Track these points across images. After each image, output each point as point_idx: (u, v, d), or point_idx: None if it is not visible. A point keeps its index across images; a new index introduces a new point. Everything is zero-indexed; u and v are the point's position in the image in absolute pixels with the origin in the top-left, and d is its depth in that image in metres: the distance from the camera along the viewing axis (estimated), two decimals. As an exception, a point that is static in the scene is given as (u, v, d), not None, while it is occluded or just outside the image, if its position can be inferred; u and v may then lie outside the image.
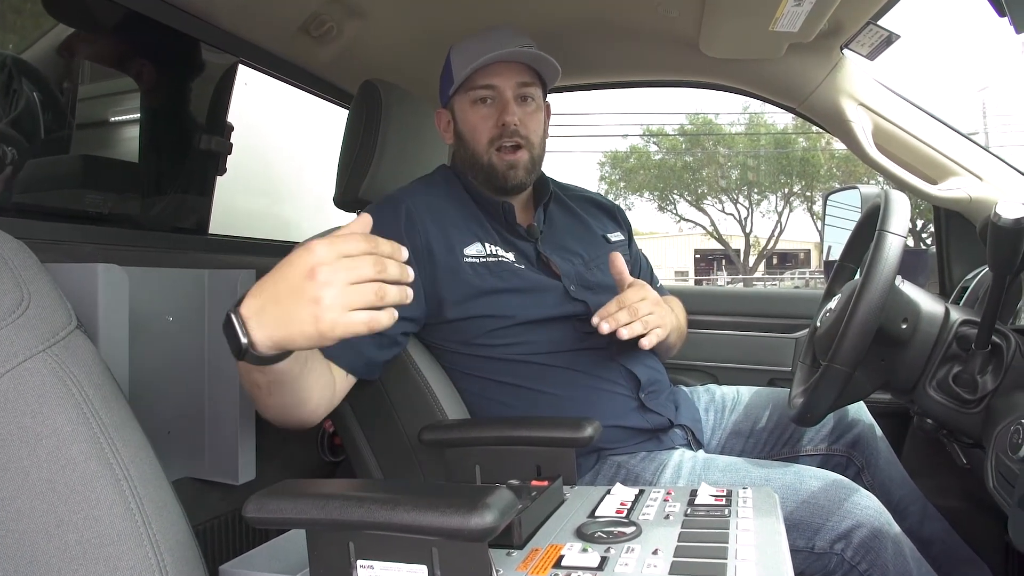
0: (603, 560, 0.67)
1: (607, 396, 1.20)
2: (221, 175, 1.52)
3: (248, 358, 0.74)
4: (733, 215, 24.72)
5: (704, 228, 25.47)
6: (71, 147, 1.31)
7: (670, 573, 0.63)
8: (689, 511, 0.80)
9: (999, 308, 0.94)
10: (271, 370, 0.80)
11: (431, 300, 1.17)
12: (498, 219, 1.27)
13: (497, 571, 0.64)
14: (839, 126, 1.55)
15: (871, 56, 1.46)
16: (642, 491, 0.89)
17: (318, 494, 0.64)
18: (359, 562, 0.63)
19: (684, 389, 1.40)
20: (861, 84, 1.53)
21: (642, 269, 1.48)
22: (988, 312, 0.95)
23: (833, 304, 1.16)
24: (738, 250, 25.60)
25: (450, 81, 1.26)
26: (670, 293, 1.47)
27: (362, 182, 1.39)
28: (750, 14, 1.31)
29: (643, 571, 0.64)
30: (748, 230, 24.76)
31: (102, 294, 0.97)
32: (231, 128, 1.53)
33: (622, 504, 0.83)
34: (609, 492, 0.88)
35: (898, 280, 1.03)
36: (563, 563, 0.67)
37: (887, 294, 0.96)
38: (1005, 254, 0.86)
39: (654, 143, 24.88)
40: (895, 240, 0.97)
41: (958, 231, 1.63)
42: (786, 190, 23.61)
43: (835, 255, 1.46)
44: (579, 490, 0.93)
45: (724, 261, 28.67)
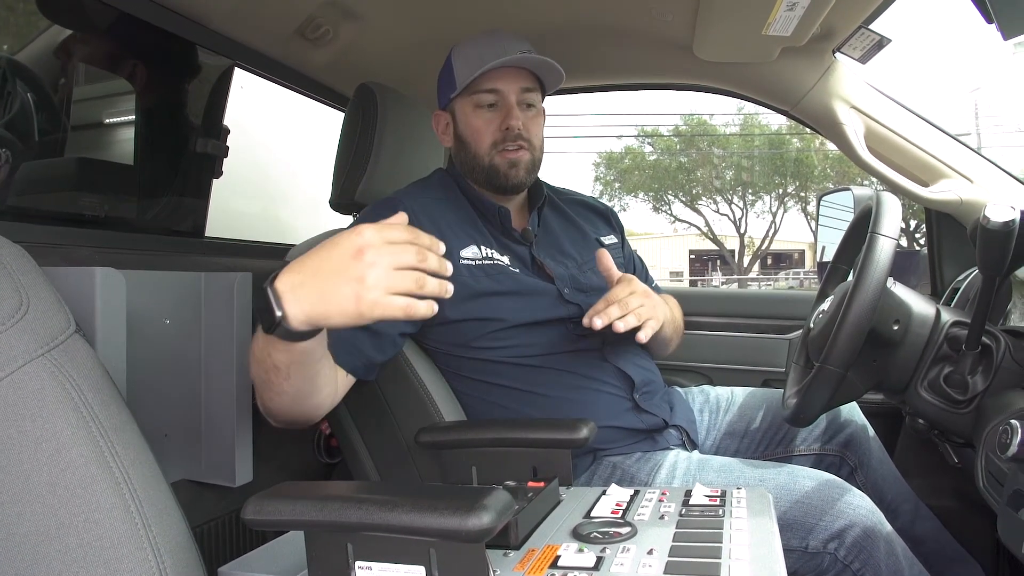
0: (599, 560, 0.67)
1: (602, 397, 1.21)
2: (217, 178, 1.52)
3: (278, 332, 0.74)
4: (728, 216, 24.81)
5: (699, 229, 25.54)
6: (67, 150, 1.31)
7: (665, 573, 0.64)
8: (684, 511, 0.81)
9: (989, 309, 0.95)
10: (296, 349, 0.80)
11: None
12: (494, 223, 1.27)
13: (494, 571, 0.64)
14: (831, 129, 1.57)
15: (863, 60, 1.47)
16: (637, 491, 0.90)
17: (316, 496, 0.64)
18: (357, 563, 0.64)
19: (679, 390, 1.41)
20: (853, 87, 1.54)
21: (637, 270, 1.49)
22: (978, 313, 0.96)
23: (826, 306, 1.17)
24: (733, 251, 25.68)
25: (451, 83, 1.26)
26: (666, 293, 1.47)
27: (358, 185, 1.39)
28: (743, 18, 1.32)
29: (638, 571, 0.65)
30: (743, 231, 24.83)
31: (100, 298, 0.97)
32: (227, 131, 1.53)
33: (617, 504, 0.84)
34: (605, 493, 0.89)
35: (890, 282, 1.04)
36: (559, 563, 0.68)
37: (879, 296, 0.97)
38: (994, 256, 0.87)
39: (649, 144, 24.95)
40: (886, 243, 0.98)
41: (949, 233, 1.64)
42: (780, 191, 23.68)
43: (829, 256, 1.48)
44: (575, 491, 0.94)
45: (719, 262, 28.75)
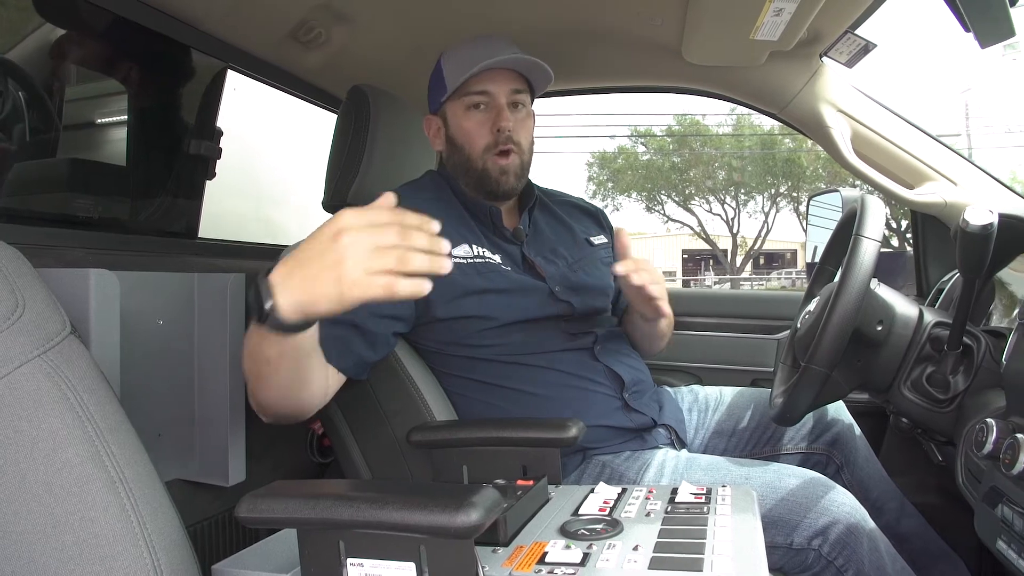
0: (585, 556, 0.69)
1: (592, 396, 1.22)
2: (210, 179, 1.53)
3: (269, 322, 0.76)
4: (720, 215, 24.88)
5: (692, 228, 25.60)
6: (60, 151, 1.32)
7: (649, 568, 0.66)
8: (670, 509, 0.82)
9: (970, 310, 0.97)
10: (286, 342, 0.81)
11: (419, 300, 1.19)
12: (485, 223, 1.28)
13: (483, 568, 0.65)
14: (819, 131, 1.59)
15: (849, 64, 1.49)
16: (625, 490, 0.91)
17: (309, 494, 0.65)
18: (349, 560, 0.65)
19: (668, 390, 1.43)
20: (840, 91, 1.56)
21: None
22: (959, 314, 0.98)
23: (812, 306, 1.18)
24: (725, 250, 25.75)
25: (441, 87, 1.27)
26: None
27: (351, 186, 1.40)
28: (731, 23, 1.34)
29: (624, 566, 0.66)
30: (735, 230, 24.91)
31: (94, 299, 0.98)
32: (220, 133, 1.53)
33: (605, 502, 0.86)
34: (593, 491, 0.90)
35: (874, 283, 1.06)
36: (547, 559, 0.69)
37: (862, 297, 0.99)
38: (973, 259, 0.89)
39: (642, 144, 24.99)
40: (870, 245, 1.00)
41: (934, 234, 1.66)
42: (773, 191, 23.77)
43: (819, 256, 1.50)
44: (564, 489, 0.95)
45: (712, 261, 28.82)
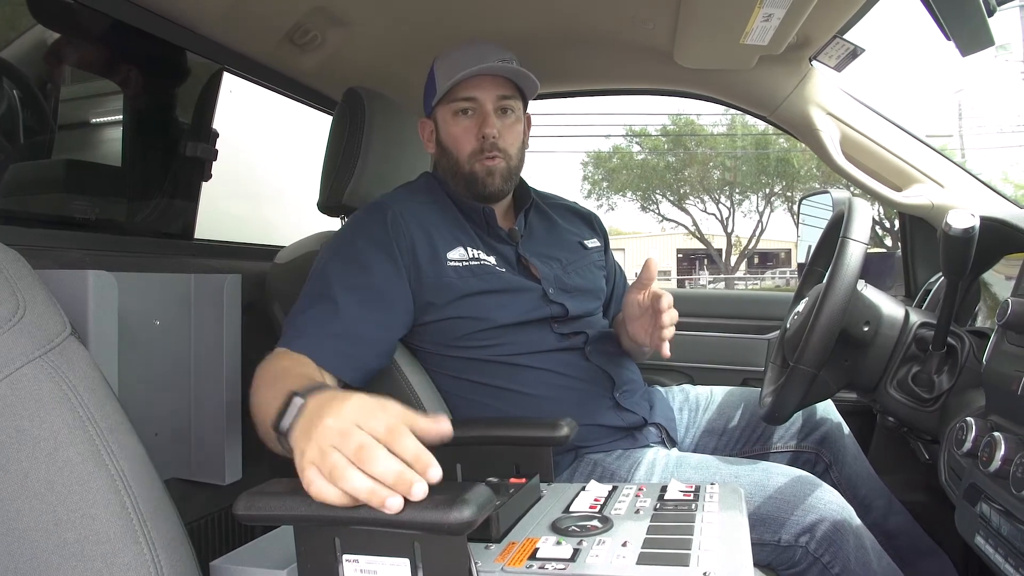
0: (576, 552, 0.70)
1: (583, 396, 1.24)
2: (206, 181, 1.54)
3: (280, 439, 0.75)
4: (715, 215, 24.94)
5: (686, 228, 25.65)
6: (57, 152, 1.32)
7: (637, 563, 0.67)
8: (658, 506, 0.84)
9: (954, 311, 0.99)
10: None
11: (417, 302, 1.21)
12: (480, 224, 1.30)
13: (476, 563, 0.67)
14: (809, 134, 1.61)
15: (838, 68, 1.52)
16: (615, 487, 0.93)
17: (305, 492, 0.67)
18: (344, 556, 0.66)
19: (659, 389, 1.44)
20: (829, 94, 1.58)
21: (617, 276, 1.52)
22: (943, 315, 0.99)
23: (801, 307, 1.20)
24: (720, 250, 25.82)
25: (433, 91, 1.29)
26: None
27: (346, 188, 1.42)
28: (721, 28, 1.35)
29: (613, 562, 0.68)
30: (730, 230, 24.98)
31: (92, 300, 0.99)
32: (216, 135, 1.54)
33: (596, 500, 0.87)
34: (584, 489, 0.92)
35: (861, 285, 1.08)
36: (538, 555, 0.71)
37: (849, 298, 1.01)
38: (956, 261, 0.91)
39: (637, 143, 25.04)
40: (856, 247, 1.02)
41: (922, 236, 1.69)
42: (767, 190, 23.84)
43: (810, 256, 1.52)
44: (555, 487, 0.96)
45: (706, 261, 28.90)
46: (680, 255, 31.11)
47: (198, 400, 1.28)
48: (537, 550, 0.72)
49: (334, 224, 1.52)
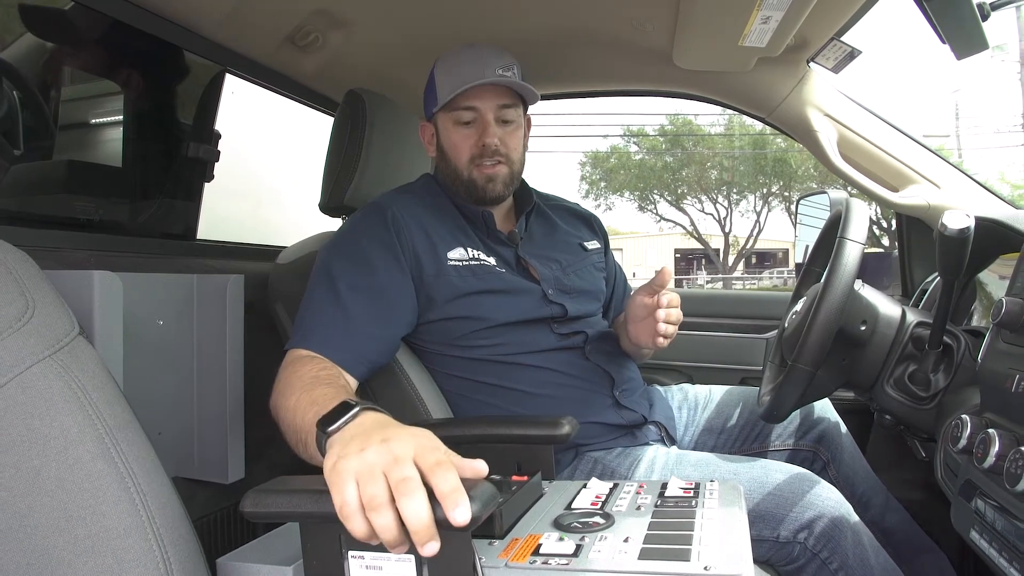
0: (578, 548, 0.71)
1: (584, 394, 1.25)
2: (209, 182, 1.55)
3: (319, 434, 0.74)
4: (713, 215, 24.96)
5: (684, 228, 25.66)
6: (60, 153, 1.33)
7: (639, 558, 0.68)
8: (659, 502, 0.85)
9: (950, 311, 1.00)
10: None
11: (420, 299, 1.22)
12: (479, 226, 1.31)
13: (480, 559, 0.68)
14: (806, 135, 1.62)
15: (835, 69, 1.53)
16: (616, 485, 0.94)
17: (311, 490, 0.67)
18: (350, 552, 0.67)
19: (659, 388, 1.45)
20: (826, 96, 1.60)
21: (617, 277, 1.53)
22: (939, 315, 1.01)
23: (799, 307, 1.21)
24: (717, 249, 25.83)
25: (433, 98, 1.29)
26: None
27: (347, 188, 1.43)
28: (720, 30, 1.37)
29: (615, 557, 0.69)
30: (727, 230, 25.00)
31: (98, 300, 1.00)
32: (219, 136, 1.55)
33: (597, 497, 0.88)
34: (585, 486, 0.93)
35: (858, 284, 1.09)
36: (541, 551, 0.72)
37: (846, 298, 1.02)
38: (951, 261, 0.92)
39: (635, 143, 25.04)
40: (853, 247, 1.03)
41: (919, 236, 1.70)
42: (764, 190, 23.86)
43: (807, 257, 1.53)
44: (557, 484, 0.97)
45: (704, 260, 28.93)
46: (678, 255, 31.13)
47: (201, 400, 1.29)
48: (540, 546, 0.73)
49: (334, 224, 1.53)
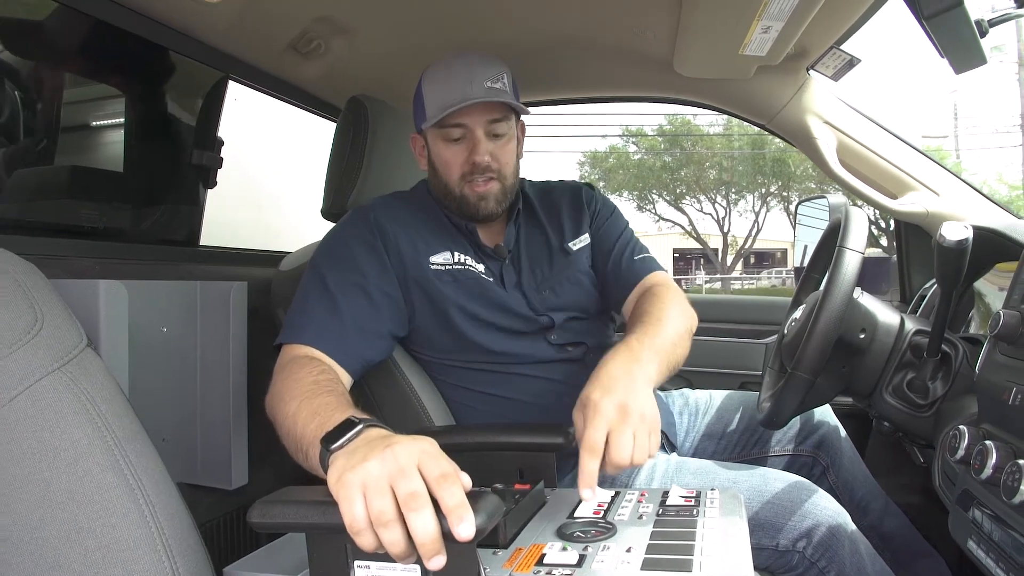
0: (581, 558, 0.72)
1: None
2: (211, 188, 1.55)
3: (323, 450, 0.75)
4: (711, 215, 24.95)
5: (683, 228, 25.65)
6: (64, 160, 1.34)
7: (642, 569, 0.69)
8: (661, 512, 0.86)
9: (947, 319, 1.01)
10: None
11: (407, 300, 1.22)
12: (468, 237, 1.29)
13: (485, 569, 0.69)
14: (806, 142, 1.63)
15: (835, 77, 1.54)
16: (618, 493, 0.95)
17: (318, 501, 0.68)
18: (356, 562, 0.68)
19: (659, 394, 1.46)
20: (826, 103, 1.61)
21: (618, 242, 1.36)
22: (937, 323, 1.01)
23: (798, 314, 1.22)
24: (716, 249, 25.83)
25: (421, 112, 1.24)
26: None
27: (349, 194, 1.43)
28: (720, 38, 1.37)
29: (617, 568, 0.70)
30: (726, 229, 24.99)
31: (103, 310, 1.01)
32: (221, 143, 1.56)
33: (599, 505, 0.89)
34: None
35: (857, 292, 1.10)
36: (545, 561, 0.72)
37: (845, 307, 1.03)
38: (950, 271, 0.93)
39: (633, 143, 25.04)
40: (852, 256, 1.04)
41: (917, 242, 1.71)
42: (763, 190, 23.86)
43: (806, 261, 1.54)
44: (559, 492, 0.98)
45: (702, 260, 28.93)
46: (676, 255, 31.11)
47: (204, 406, 1.30)
48: (544, 556, 0.73)
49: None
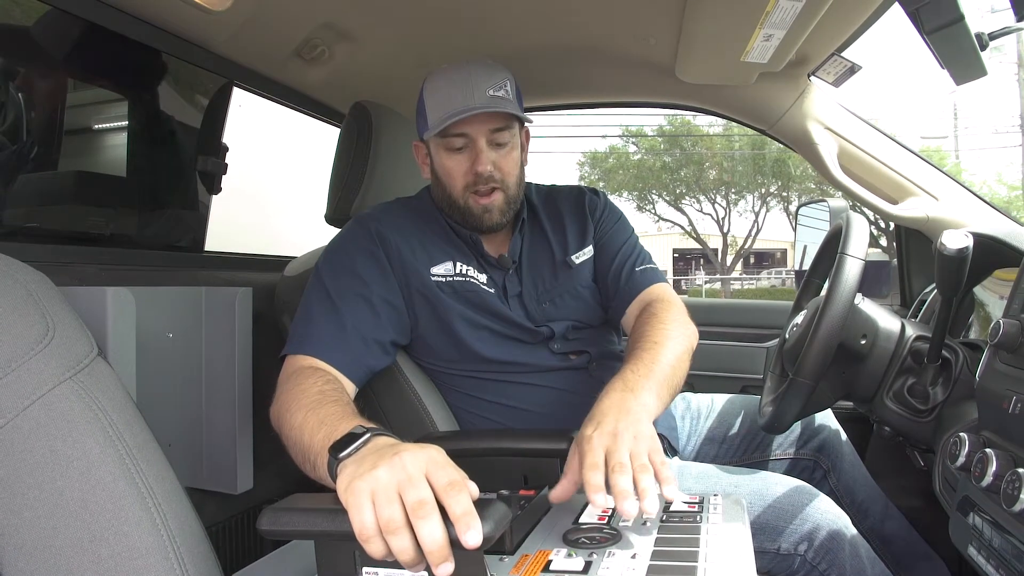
0: (587, 564, 0.73)
1: (588, 412, 1.25)
2: (216, 194, 1.56)
3: (331, 459, 0.75)
4: (711, 215, 24.95)
5: (682, 228, 25.65)
6: (69, 166, 1.34)
7: (647, 575, 0.70)
8: (664, 517, 0.86)
9: (948, 325, 1.02)
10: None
11: (408, 309, 1.23)
12: (471, 246, 1.29)
13: (491, 575, 0.70)
14: (807, 148, 1.64)
15: (836, 84, 1.55)
16: (622, 498, 0.95)
17: (327, 509, 0.69)
18: (364, 569, 0.69)
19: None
20: (827, 109, 1.62)
21: (621, 251, 1.34)
22: (938, 329, 1.02)
23: (800, 319, 1.23)
24: (716, 249, 25.83)
25: (423, 121, 1.24)
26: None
27: (354, 200, 1.44)
28: (723, 46, 1.38)
29: (623, 574, 0.70)
30: (726, 230, 25.00)
31: (111, 317, 1.01)
32: (226, 149, 1.57)
33: (604, 511, 0.90)
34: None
35: (858, 299, 1.11)
36: (551, 567, 0.73)
37: (847, 313, 1.03)
38: (950, 279, 0.94)
39: (633, 143, 25.04)
40: (854, 263, 1.05)
41: (917, 247, 1.72)
42: (763, 190, 23.86)
43: (807, 264, 1.55)
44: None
45: (702, 260, 28.94)
46: (676, 255, 31.11)
47: (210, 411, 1.31)
48: (550, 562, 0.74)
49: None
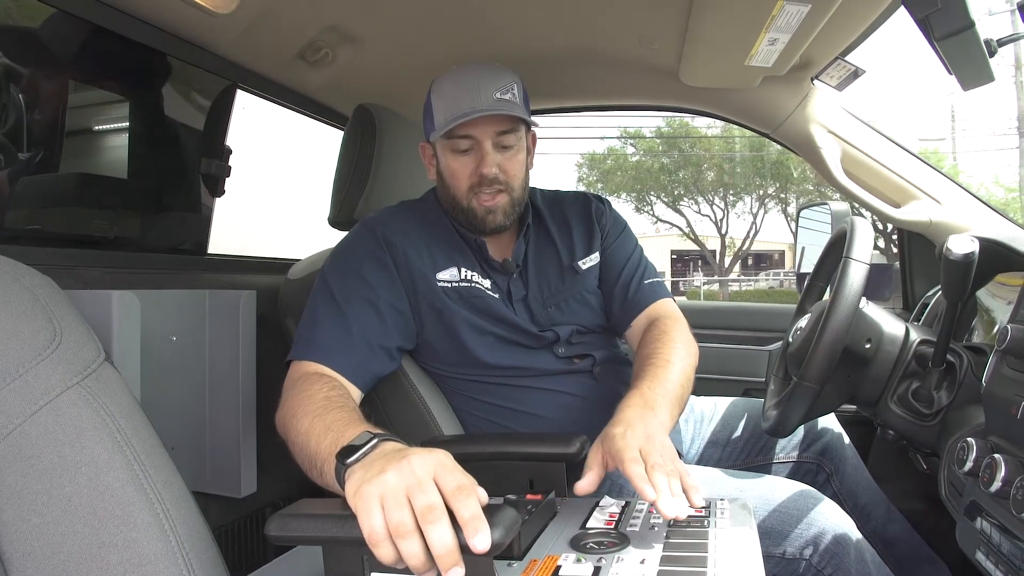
0: (596, 570, 0.73)
1: (594, 415, 1.24)
2: (220, 197, 1.56)
3: (339, 465, 0.76)
4: (709, 216, 24.97)
5: (680, 229, 25.67)
6: (71, 169, 1.34)
7: (656, 580, 0.70)
8: (672, 522, 0.86)
9: (952, 330, 1.02)
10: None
11: (414, 313, 1.23)
12: (475, 251, 1.29)
13: (500, 581, 0.70)
14: (810, 151, 1.64)
15: (839, 87, 1.55)
16: (628, 503, 0.95)
17: (336, 514, 0.69)
18: (373, 574, 0.69)
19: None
20: (830, 113, 1.62)
21: (627, 265, 1.36)
22: (942, 333, 1.02)
23: (803, 323, 1.23)
24: (714, 251, 25.85)
25: (430, 122, 1.25)
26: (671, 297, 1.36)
27: (357, 203, 1.44)
28: (727, 50, 1.38)
29: (632, 580, 0.71)
30: (724, 231, 25.01)
31: (116, 320, 1.01)
32: (230, 151, 1.56)
33: (611, 516, 0.90)
34: (598, 504, 0.95)
35: (863, 303, 1.11)
36: (560, 573, 0.73)
37: (852, 318, 1.03)
38: (956, 284, 0.94)
39: (631, 145, 25.05)
40: (859, 268, 1.05)
41: (920, 251, 1.73)
42: (761, 192, 23.89)
43: (807, 265, 1.55)
44: (570, 502, 0.99)
45: (700, 262, 28.97)
46: (674, 256, 31.13)
47: (214, 414, 1.31)
48: (559, 568, 0.74)
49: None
